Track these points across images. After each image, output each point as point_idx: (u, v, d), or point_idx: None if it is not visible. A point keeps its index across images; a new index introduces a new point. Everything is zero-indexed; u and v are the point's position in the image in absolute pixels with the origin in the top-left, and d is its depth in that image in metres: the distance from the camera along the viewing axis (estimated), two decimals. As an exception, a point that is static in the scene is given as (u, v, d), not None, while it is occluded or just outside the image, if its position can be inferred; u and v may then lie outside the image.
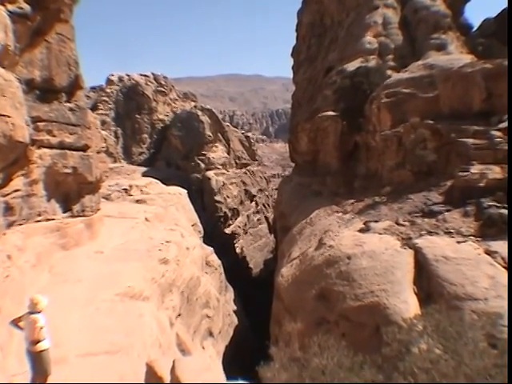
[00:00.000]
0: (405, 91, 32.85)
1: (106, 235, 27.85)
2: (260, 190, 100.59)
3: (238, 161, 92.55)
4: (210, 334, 32.47)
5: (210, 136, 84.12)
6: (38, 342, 11.36)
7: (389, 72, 38.67)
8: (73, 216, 24.94)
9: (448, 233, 22.38)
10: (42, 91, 22.66)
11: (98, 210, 28.36)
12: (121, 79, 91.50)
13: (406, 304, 18.17)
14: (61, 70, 23.80)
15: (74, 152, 24.38)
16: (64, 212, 24.41)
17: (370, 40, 43.06)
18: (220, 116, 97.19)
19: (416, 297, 18.75)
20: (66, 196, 24.62)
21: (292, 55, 66.08)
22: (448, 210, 24.51)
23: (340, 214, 30.96)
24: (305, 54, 59.43)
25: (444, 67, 32.62)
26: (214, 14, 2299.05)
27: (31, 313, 11.39)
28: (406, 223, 24.85)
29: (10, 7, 18.67)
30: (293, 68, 65.40)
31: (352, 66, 41.45)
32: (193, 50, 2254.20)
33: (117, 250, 25.82)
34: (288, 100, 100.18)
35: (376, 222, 26.36)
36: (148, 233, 31.59)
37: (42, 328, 11.33)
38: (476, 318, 12.96)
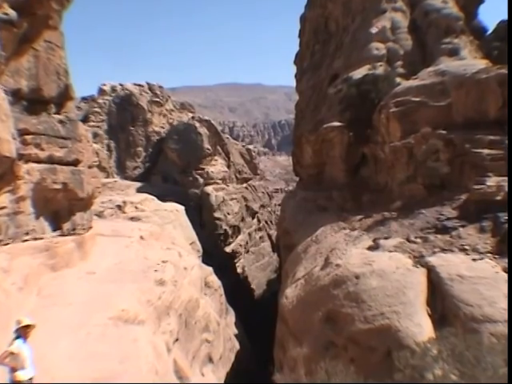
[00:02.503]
0: (415, 100, 32.80)
1: (98, 255, 27.79)
2: (262, 205, 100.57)
3: (238, 175, 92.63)
4: (210, 359, 32.27)
5: (208, 149, 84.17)
6: (16, 370, 11.16)
7: (398, 79, 38.69)
8: (63, 235, 24.88)
9: (463, 250, 22.22)
10: (30, 102, 22.66)
11: (90, 228, 28.31)
12: (114, 89, 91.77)
13: (420, 327, 18.01)
14: (49, 79, 23.81)
15: (64, 167, 24.33)
16: (53, 230, 24.34)
17: (377, 46, 43.14)
18: (219, 128, 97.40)
19: (430, 319, 18.58)
20: (55, 214, 24.57)
21: (295, 62, 66.19)
22: (463, 226, 24.37)
23: (347, 231, 30.81)
24: (308, 61, 59.55)
25: (457, 73, 32.58)
26: (211, 19, 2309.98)
27: (17, 337, 11.29)
28: (418, 240, 24.69)
29: (-5, 13, 18.70)
30: (296, 76, 65.44)
31: (359, 73, 41.47)
32: (190, 58, 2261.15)
33: (110, 271, 25.74)
34: (291, 110, 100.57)
35: (386, 238, 26.21)
36: (143, 252, 31.52)
37: (14, 353, 11.12)
38: (495, 341, 12.83)
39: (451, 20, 41.74)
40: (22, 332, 11.38)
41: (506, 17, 40.79)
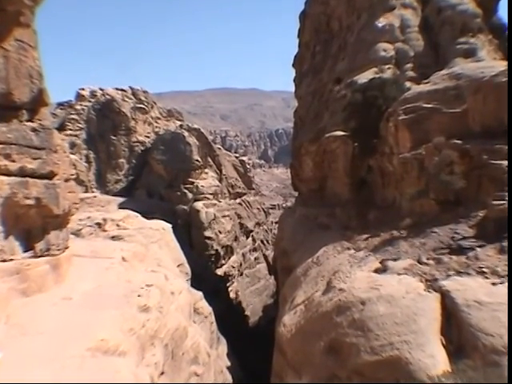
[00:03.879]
0: (427, 106, 32.79)
1: (75, 278, 27.58)
2: (258, 223, 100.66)
3: (231, 190, 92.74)
4: (200, 395, 32.07)
5: (198, 161, 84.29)
6: None
7: (408, 84, 38.75)
8: (36, 256, 24.65)
9: (481, 273, 22.09)
10: (-1, 108, 22.55)
11: (66, 248, 28.10)
12: (93, 94, 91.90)
13: (433, 358, 17.84)
14: (21, 82, 23.67)
15: (38, 180, 24.15)
16: (25, 251, 24.13)
17: (385, 47, 43.24)
18: (210, 137, 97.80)
19: (444, 350, 18.40)
20: (27, 232, 24.37)
21: (293, 65, 66.35)
22: (480, 246, 24.25)
23: (352, 252, 30.72)
24: (309, 63, 59.72)
25: (473, 77, 32.53)
26: (200, 19, 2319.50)
27: None
28: (431, 262, 24.58)
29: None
30: (294, 80, 65.60)
31: (364, 77, 41.54)
32: (177, 61, 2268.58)
33: (88, 296, 25.54)
34: (289, 118, 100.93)
35: (395, 260, 26.11)
36: (125, 275, 31.34)
37: None
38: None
39: (467, 17, 41.76)
40: None
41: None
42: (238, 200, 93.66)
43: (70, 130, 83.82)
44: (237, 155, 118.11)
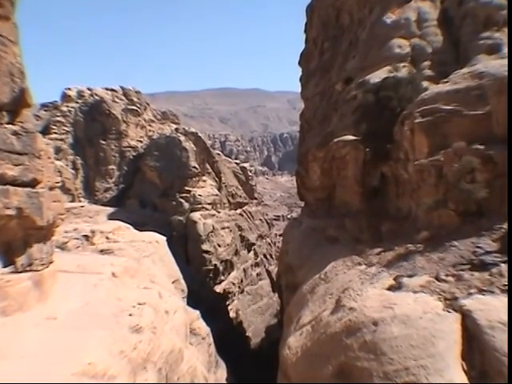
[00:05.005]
0: (446, 108, 32.62)
1: (60, 296, 27.51)
2: (260, 236, 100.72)
3: (231, 199, 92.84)
4: (197, 424, 32.01)
5: (195, 167, 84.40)
6: None
7: (425, 83, 38.63)
8: (16, 271, 24.57)
9: (506, 291, 22.01)
10: (-24, 110, 22.51)
11: (51, 263, 28.02)
12: (81, 94, 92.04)
13: (453, 385, 17.79)
14: (1, 81, 23.60)
15: (19, 188, 24.06)
16: (5, 266, 24.05)
17: (399, 43, 43.16)
18: (208, 142, 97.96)
19: (466, 376, 18.31)
20: (7, 245, 24.28)
21: (300, 63, 66.33)
22: (505, 262, 24.15)
23: (363, 267, 30.64)
24: (316, 61, 59.70)
25: (498, 75, 32.32)
26: (197, 13, 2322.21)
27: None
28: (450, 278, 24.49)
29: None
30: (301, 80, 65.58)
31: (377, 76, 41.46)
32: (173, 59, 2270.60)
33: (74, 316, 25.49)
34: (295, 121, 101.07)
35: (410, 276, 26.01)
36: (115, 292, 31.29)
37: None
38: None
39: (492, 9, 41.52)
40: None
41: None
42: (239, 210, 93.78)
43: (55, 133, 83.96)
44: (238, 162, 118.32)
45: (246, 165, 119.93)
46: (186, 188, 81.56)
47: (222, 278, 79.24)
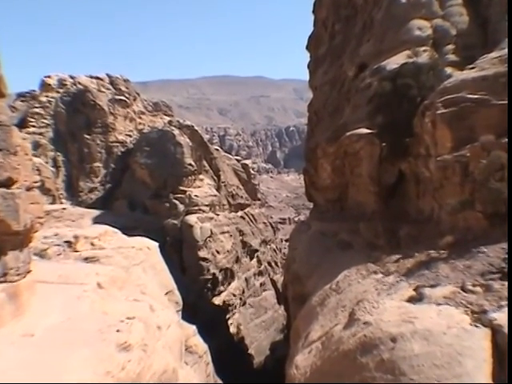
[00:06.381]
0: (472, 97, 32.45)
1: (38, 310, 27.43)
2: (264, 241, 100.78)
3: (231, 200, 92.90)
4: None
5: (191, 165, 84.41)
6: None
7: (448, 70, 38.54)
8: (-11, 282, 24.58)
9: (540, 303, 21.95)
10: None
11: (28, 272, 27.94)
12: (62, 83, 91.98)
13: (481, 409, 17.70)
14: (-30, 68, 23.59)
15: (-7, 189, 24.08)
16: (-24, 276, 24.05)
17: (420, 24, 43.05)
18: (206, 136, 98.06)
19: (495, 399, 18.27)
20: (-21, 253, 24.28)
21: (307, 48, 66.25)
22: (539, 270, 24.12)
23: (379, 276, 30.57)
24: (326, 45, 59.66)
25: (530, 60, 32.29)
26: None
27: None
28: (478, 289, 24.38)
29: None
30: (309, 66, 65.55)
31: (394, 62, 41.37)
32: (166, 44, 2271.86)
33: (54, 332, 25.39)
34: (302, 112, 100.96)
35: (432, 287, 25.91)
36: (101, 305, 31.19)
37: None
38: None
39: (525, -16, 41.39)
40: None
41: None
42: (240, 213, 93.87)
43: (34, 126, 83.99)
44: (238, 158, 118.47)
45: (247, 162, 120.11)
46: (181, 188, 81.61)
47: (222, 288, 79.29)
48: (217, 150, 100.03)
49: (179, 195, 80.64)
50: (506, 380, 18.79)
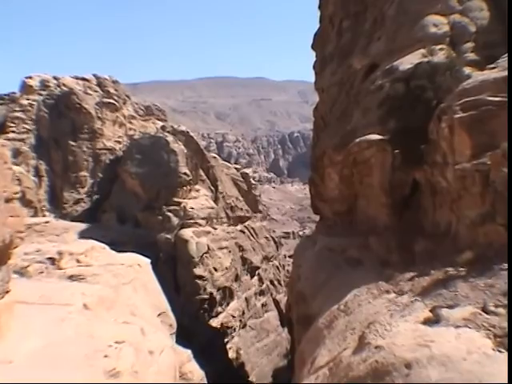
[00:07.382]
0: (493, 100, 32.32)
1: (18, 333, 27.34)
2: (266, 258, 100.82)
3: (230, 213, 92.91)
4: None
5: (186, 174, 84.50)
6: None
7: (467, 70, 38.48)
8: (-35, 303, 24.53)
9: None
10: None
11: (7, 292, 27.88)
12: (45, 84, 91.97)
13: None
14: None
15: (-32, 200, 24.04)
16: (-50, 297, 24.01)
17: (435, 20, 43.05)
18: (203, 143, 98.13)
19: (520, 431, 18.15)
20: (-47, 271, 24.23)
21: (313, 47, 66.28)
22: None
23: (392, 296, 30.48)
24: (333, 44, 59.69)
25: (556, 60, 32.27)
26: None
27: None
28: (501, 310, 24.24)
29: None
30: (314, 67, 65.56)
31: (408, 61, 41.36)
32: (158, 43, 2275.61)
33: (36, 358, 25.29)
34: (308, 117, 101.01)
35: (451, 307, 25.81)
36: (88, 328, 31.11)
37: None
38: None
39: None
40: None
41: None
42: (240, 227, 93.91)
43: (13, 132, 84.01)
44: (238, 167, 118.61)
45: (248, 171, 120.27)
46: (175, 199, 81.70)
47: (220, 309, 79.26)
48: (214, 157, 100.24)
49: (173, 207, 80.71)
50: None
